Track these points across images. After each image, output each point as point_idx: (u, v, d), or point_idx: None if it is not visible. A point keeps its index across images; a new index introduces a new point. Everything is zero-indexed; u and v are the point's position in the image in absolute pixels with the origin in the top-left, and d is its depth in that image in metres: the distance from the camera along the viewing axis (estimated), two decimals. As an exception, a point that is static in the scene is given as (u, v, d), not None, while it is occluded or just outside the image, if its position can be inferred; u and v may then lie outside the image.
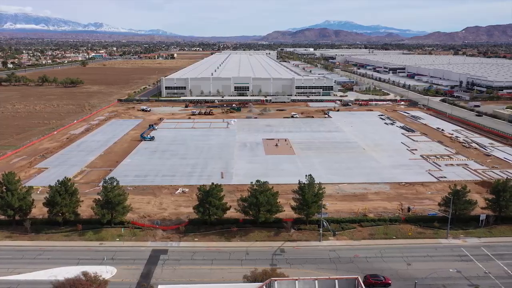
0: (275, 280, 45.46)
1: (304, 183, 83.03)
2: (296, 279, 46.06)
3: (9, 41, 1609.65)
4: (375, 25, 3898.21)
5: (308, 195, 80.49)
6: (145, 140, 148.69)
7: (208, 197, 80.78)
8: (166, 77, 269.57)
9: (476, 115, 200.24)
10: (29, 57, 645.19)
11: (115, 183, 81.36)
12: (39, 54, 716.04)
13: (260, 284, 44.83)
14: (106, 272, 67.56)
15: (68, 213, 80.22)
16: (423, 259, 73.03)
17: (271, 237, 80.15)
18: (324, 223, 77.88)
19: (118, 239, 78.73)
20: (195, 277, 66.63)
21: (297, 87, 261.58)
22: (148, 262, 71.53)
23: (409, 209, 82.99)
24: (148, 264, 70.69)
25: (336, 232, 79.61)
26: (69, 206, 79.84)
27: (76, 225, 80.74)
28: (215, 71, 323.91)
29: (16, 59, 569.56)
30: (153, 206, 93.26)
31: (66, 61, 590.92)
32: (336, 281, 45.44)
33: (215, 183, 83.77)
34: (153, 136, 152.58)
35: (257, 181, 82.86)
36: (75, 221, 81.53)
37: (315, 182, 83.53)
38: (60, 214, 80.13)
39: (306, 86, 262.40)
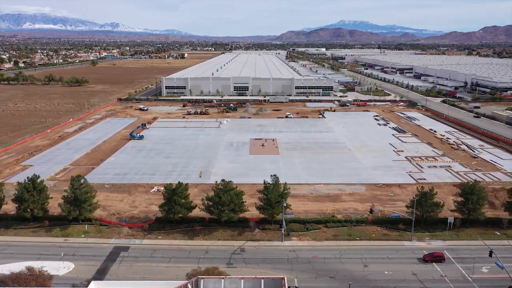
0: (202, 278, 45.89)
1: (269, 183, 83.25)
2: (223, 278, 46.46)
3: (27, 41, 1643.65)
4: (391, 25, 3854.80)
5: (272, 195, 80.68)
6: (134, 139, 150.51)
7: (174, 195, 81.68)
8: (166, 77, 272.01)
9: (474, 116, 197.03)
10: (42, 56, 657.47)
11: (82, 181, 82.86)
12: (53, 53, 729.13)
13: (185, 282, 45.31)
14: (63, 267, 69.08)
15: (37, 209, 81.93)
16: (382, 261, 72.53)
17: (234, 236, 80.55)
18: (284, 222, 77.91)
19: (83, 235, 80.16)
20: (149, 274, 67.46)
21: (297, 87, 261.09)
22: (107, 258, 72.68)
23: (371, 211, 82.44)
24: (107, 261, 71.82)
25: (290, 233, 79.69)
26: (37, 203, 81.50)
27: (45, 221, 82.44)
28: (217, 71, 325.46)
29: (29, 59, 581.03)
30: (125, 204, 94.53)
31: (77, 61, 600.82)
32: (262, 280, 45.64)
33: (181, 182, 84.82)
34: (142, 135, 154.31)
35: (222, 180, 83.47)
36: (44, 218, 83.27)
37: (281, 182, 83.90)
38: (28, 210, 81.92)
39: (306, 86, 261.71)
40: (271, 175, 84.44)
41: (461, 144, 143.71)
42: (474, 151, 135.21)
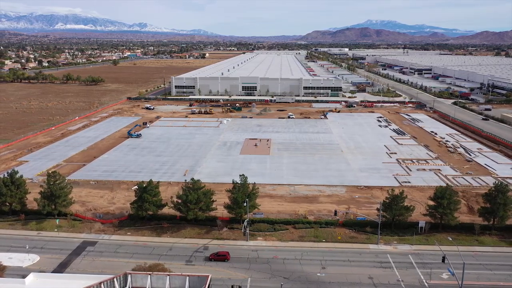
0: (129, 274, 47.03)
1: (237, 183, 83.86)
2: (150, 274, 47.45)
3: (58, 40, 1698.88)
4: (420, 25, 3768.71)
5: (239, 194, 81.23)
6: (131, 137, 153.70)
7: (144, 193, 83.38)
8: (176, 76, 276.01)
9: (483, 119, 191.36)
10: (67, 56, 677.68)
11: (57, 177, 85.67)
12: (78, 53, 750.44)
13: (112, 276, 46.57)
14: (28, 259, 71.76)
15: (15, 203, 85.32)
16: (341, 263, 71.92)
17: (201, 235, 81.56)
18: (245, 222, 78.37)
19: (56, 229, 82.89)
20: (108, 268, 69.02)
21: (305, 88, 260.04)
22: (73, 252, 75.02)
23: (335, 213, 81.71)
24: (71, 255, 74.14)
25: (255, 232, 80.00)
26: (15, 197, 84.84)
27: (21, 214, 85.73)
28: (228, 70, 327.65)
29: (54, 58, 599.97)
30: (104, 200, 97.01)
31: (100, 60, 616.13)
32: (187, 277, 46.39)
33: (152, 180, 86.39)
34: (140, 134, 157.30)
35: (192, 179, 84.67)
36: (22, 211, 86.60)
37: (249, 182, 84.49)
38: (7, 204, 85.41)
39: (314, 87, 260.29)
40: (240, 175, 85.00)
41: (458, 147, 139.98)
42: (470, 155, 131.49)
